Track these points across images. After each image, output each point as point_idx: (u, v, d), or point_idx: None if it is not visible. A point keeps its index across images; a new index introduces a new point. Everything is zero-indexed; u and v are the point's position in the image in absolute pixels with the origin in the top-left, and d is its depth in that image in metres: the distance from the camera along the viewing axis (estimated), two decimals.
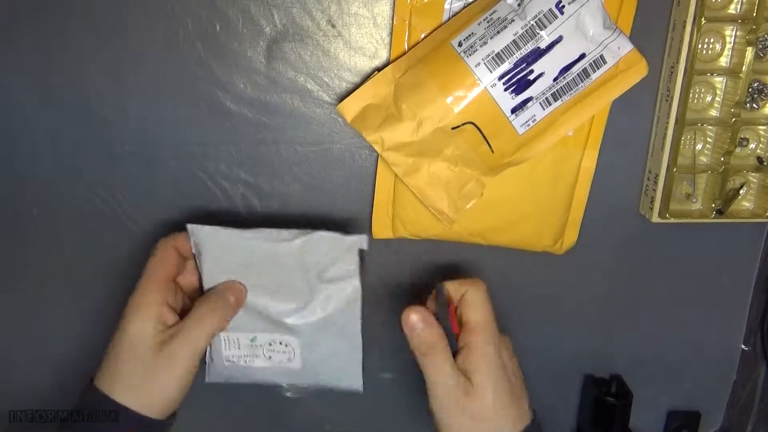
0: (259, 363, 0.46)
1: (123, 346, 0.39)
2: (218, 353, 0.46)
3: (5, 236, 0.50)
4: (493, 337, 0.40)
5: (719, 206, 0.47)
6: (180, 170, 0.48)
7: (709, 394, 0.57)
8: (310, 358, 0.46)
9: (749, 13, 0.44)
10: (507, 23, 0.40)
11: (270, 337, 0.45)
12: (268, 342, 0.46)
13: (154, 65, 0.45)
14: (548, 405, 0.57)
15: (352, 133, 0.47)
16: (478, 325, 0.41)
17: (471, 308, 0.41)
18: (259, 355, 0.46)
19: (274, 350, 0.46)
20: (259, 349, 0.46)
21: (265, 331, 0.45)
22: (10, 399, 0.54)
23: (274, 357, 0.46)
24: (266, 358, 0.46)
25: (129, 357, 0.39)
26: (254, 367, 0.46)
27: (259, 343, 0.46)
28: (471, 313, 0.41)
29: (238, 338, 0.46)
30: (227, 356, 0.46)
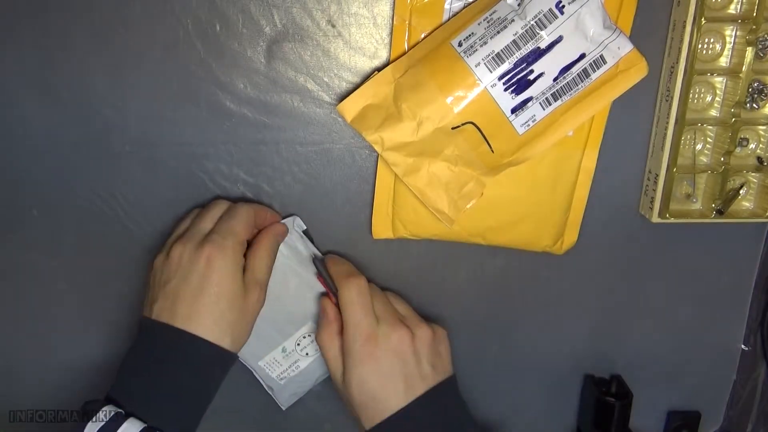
0: (304, 363, 0.50)
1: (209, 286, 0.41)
2: (270, 379, 0.50)
3: (5, 236, 0.50)
4: (356, 337, 0.43)
5: (719, 206, 0.47)
6: (180, 170, 0.48)
7: (709, 394, 0.57)
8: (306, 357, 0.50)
9: (749, 13, 0.44)
10: (507, 23, 0.40)
11: (294, 339, 0.49)
12: (296, 343, 0.49)
13: (154, 65, 0.45)
14: (548, 405, 0.57)
15: (352, 133, 0.47)
16: (345, 327, 0.44)
17: (341, 309, 0.44)
18: (299, 357, 0.50)
19: (305, 346, 0.49)
20: (294, 353, 0.49)
21: (287, 337, 0.49)
22: (10, 399, 0.54)
23: (310, 351, 0.49)
24: (306, 356, 0.49)
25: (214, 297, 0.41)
26: (304, 369, 0.50)
27: (290, 350, 0.49)
28: (342, 314, 0.44)
29: (273, 357, 0.49)
30: (278, 376, 0.50)
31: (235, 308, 0.41)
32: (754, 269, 0.53)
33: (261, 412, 0.55)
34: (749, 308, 0.54)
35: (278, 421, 0.55)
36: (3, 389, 0.54)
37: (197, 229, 0.43)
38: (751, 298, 0.54)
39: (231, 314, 0.41)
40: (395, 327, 0.44)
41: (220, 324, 0.41)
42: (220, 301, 0.41)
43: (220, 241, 0.42)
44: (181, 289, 0.41)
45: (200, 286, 0.41)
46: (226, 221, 0.43)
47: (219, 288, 0.41)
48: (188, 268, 0.41)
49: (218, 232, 0.43)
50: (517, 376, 0.55)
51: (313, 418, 0.55)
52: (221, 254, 0.41)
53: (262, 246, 0.44)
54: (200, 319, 0.40)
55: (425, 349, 0.44)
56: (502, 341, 0.54)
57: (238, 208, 0.44)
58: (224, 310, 0.41)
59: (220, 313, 0.41)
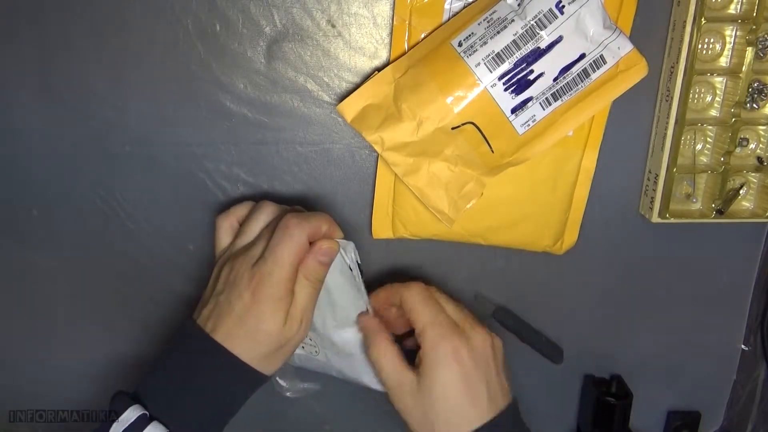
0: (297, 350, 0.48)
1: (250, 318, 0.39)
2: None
3: (5, 236, 0.50)
4: (438, 338, 0.40)
5: (719, 206, 0.47)
6: (180, 170, 0.48)
7: (709, 394, 0.57)
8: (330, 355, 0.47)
9: (749, 13, 0.44)
10: (507, 23, 0.40)
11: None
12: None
13: (154, 65, 0.45)
14: (548, 405, 0.57)
15: (352, 133, 0.47)
16: (421, 328, 0.41)
17: (409, 312, 0.42)
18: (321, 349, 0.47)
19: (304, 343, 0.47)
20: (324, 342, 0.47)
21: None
22: (10, 399, 0.54)
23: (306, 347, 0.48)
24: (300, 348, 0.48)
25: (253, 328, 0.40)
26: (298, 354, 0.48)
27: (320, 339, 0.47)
28: (412, 317, 0.42)
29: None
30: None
31: (272, 341, 0.40)
32: (754, 269, 0.53)
33: (261, 412, 0.55)
34: (749, 308, 0.54)
35: (278, 421, 0.55)
36: (3, 389, 0.54)
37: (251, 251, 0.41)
38: (751, 298, 0.54)
39: (267, 346, 0.40)
40: (476, 327, 0.41)
41: (255, 351, 0.40)
42: (258, 333, 0.40)
43: (266, 274, 0.40)
44: (227, 308, 0.40)
45: (243, 314, 0.40)
46: (276, 247, 0.40)
47: (258, 321, 0.39)
48: (236, 291, 0.40)
49: (264, 263, 0.40)
50: (517, 376, 0.55)
51: (313, 418, 0.55)
52: (267, 288, 0.39)
53: (307, 273, 0.41)
54: (238, 342, 0.39)
55: (501, 357, 0.42)
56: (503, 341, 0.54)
57: (290, 229, 0.41)
58: (261, 341, 0.40)
59: (257, 343, 0.40)
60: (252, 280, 0.40)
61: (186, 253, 0.50)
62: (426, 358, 0.40)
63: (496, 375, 0.41)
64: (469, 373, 0.39)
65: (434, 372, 0.39)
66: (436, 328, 0.40)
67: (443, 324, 0.40)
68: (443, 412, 0.39)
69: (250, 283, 0.40)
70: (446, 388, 0.39)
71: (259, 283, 0.39)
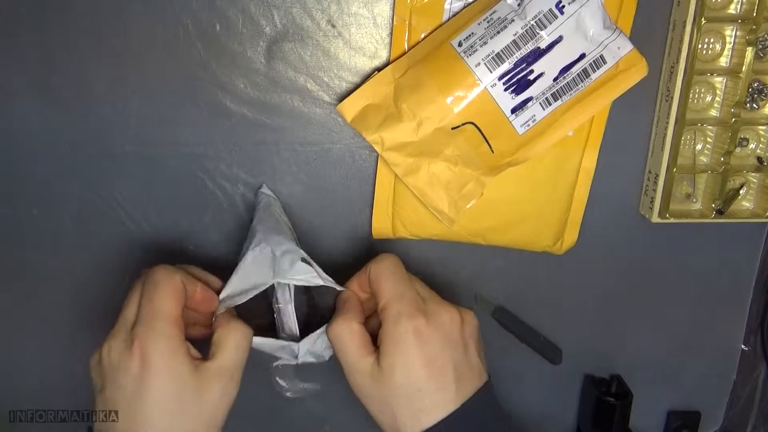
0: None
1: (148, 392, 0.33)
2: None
3: (5, 236, 0.50)
4: (399, 315, 0.36)
5: (719, 206, 0.47)
6: (180, 170, 0.48)
7: (709, 394, 0.57)
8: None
9: (749, 13, 0.44)
10: (507, 23, 0.40)
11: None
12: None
13: (154, 65, 0.45)
14: (548, 405, 0.57)
15: (352, 133, 0.47)
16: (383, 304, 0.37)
17: (375, 285, 0.38)
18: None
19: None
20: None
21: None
22: (10, 399, 0.54)
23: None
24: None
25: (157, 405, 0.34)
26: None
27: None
28: (376, 290, 0.38)
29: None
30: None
31: (187, 413, 0.34)
32: (754, 269, 0.53)
33: (261, 412, 0.55)
34: (749, 308, 0.54)
35: (278, 421, 0.55)
36: (3, 389, 0.54)
37: (123, 319, 0.36)
38: (751, 298, 0.54)
39: (182, 420, 0.34)
40: (443, 304, 0.37)
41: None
42: (166, 410, 0.33)
43: (146, 331, 0.34)
44: (116, 401, 0.34)
45: (138, 393, 0.33)
46: (147, 302, 0.35)
47: (162, 394, 0.33)
48: (120, 370, 0.34)
49: (141, 319, 0.35)
50: (517, 376, 0.55)
51: (313, 418, 0.55)
52: (153, 345, 0.33)
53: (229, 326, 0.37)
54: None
55: (473, 336, 0.38)
56: (502, 341, 0.54)
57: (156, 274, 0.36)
58: (174, 419, 0.34)
59: (169, 424, 0.33)
60: (133, 348, 0.34)
61: (186, 253, 0.50)
62: (386, 337, 0.36)
63: (464, 355, 0.37)
64: (433, 355, 0.35)
65: (394, 353, 0.35)
66: (399, 304, 0.36)
67: (407, 300, 0.36)
68: (405, 398, 0.35)
69: (134, 352, 0.34)
70: (408, 372, 0.35)
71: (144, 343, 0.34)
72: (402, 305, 0.36)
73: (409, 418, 0.35)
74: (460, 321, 0.37)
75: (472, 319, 0.38)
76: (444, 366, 0.35)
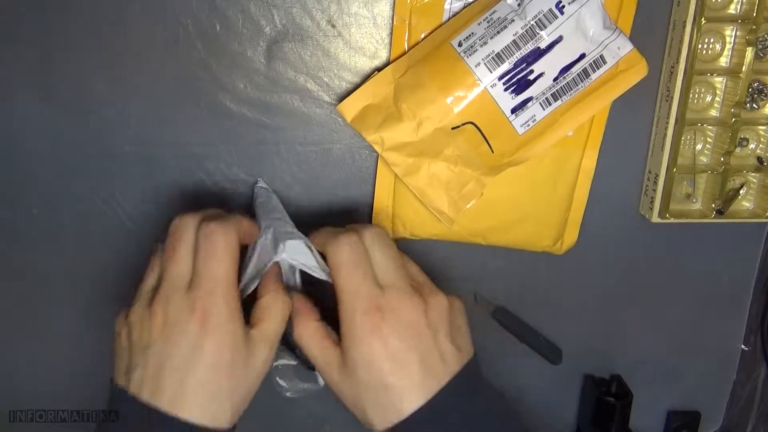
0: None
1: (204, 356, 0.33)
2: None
3: (5, 236, 0.50)
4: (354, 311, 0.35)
5: (719, 206, 0.47)
6: (180, 170, 0.48)
7: (709, 394, 0.57)
8: None
9: (749, 13, 0.44)
10: (507, 23, 0.40)
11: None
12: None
13: (154, 65, 0.45)
14: (548, 405, 0.57)
15: (352, 133, 0.47)
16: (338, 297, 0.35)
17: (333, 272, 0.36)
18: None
19: None
20: None
21: None
22: (10, 399, 0.54)
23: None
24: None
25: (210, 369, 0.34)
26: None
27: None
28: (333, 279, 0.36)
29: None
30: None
31: (235, 376, 0.34)
32: (754, 269, 0.53)
33: (261, 412, 0.55)
34: (749, 308, 0.54)
35: (278, 421, 0.55)
36: (3, 389, 0.54)
37: (176, 276, 0.35)
38: (751, 298, 0.54)
39: (230, 384, 0.34)
40: (404, 294, 0.36)
41: (217, 398, 0.34)
42: (217, 373, 0.34)
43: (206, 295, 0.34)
44: (167, 359, 0.33)
45: (193, 357, 0.33)
46: (205, 265, 0.35)
47: (217, 357, 0.33)
48: (176, 330, 0.33)
49: (200, 282, 0.34)
50: (517, 376, 0.55)
51: (313, 418, 0.55)
52: (217, 311, 0.34)
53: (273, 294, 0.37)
54: (192, 397, 0.33)
55: (442, 321, 0.36)
56: (502, 341, 0.54)
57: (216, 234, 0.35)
58: (223, 382, 0.34)
59: (218, 387, 0.34)
60: (195, 309, 0.33)
61: None
62: (345, 332, 0.35)
63: (432, 344, 0.35)
64: (394, 350, 0.34)
65: (354, 350, 0.35)
66: (353, 298, 0.35)
67: (362, 295, 0.35)
68: (372, 393, 0.34)
69: (194, 313, 0.33)
70: (370, 369, 0.34)
71: (208, 309, 0.33)
72: (357, 301, 0.35)
73: (378, 412, 0.35)
74: (424, 309, 0.36)
75: (438, 304, 0.36)
76: (408, 360, 0.34)
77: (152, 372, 0.34)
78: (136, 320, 0.36)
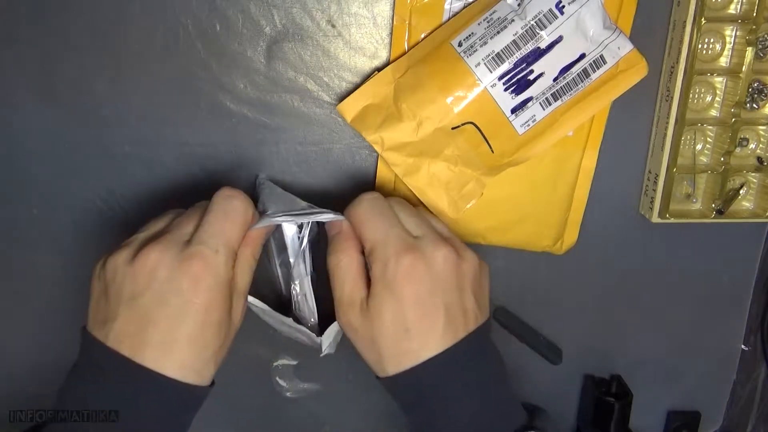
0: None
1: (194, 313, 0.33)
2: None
3: (5, 236, 0.50)
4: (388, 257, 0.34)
5: (719, 206, 0.47)
6: (180, 170, 0.48)
7: (709, 394, 0.57)
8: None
9: (749, 13, 0.44)
10: (507, 23, 0.40)
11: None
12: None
13: (154, 65, 0.45)
14: (548, 405, 0.57)
15: (352, 133, 0.47)
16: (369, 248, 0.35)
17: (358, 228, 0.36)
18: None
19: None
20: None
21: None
22: (10, 399, 0.54)
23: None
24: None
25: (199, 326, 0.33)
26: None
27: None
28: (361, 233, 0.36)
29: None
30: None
31: (221, 334, 0.34)
32: (754, 269, 0.53)
33: (261, 412, 0.55)
34: (749, 308, 0.54)
35: (278, 421, 0.55)
36: (3, 389, 0.54)
37: (179, 232, 0.35)
38: (751, 298, 0.54)
39: (216, 341, 0.34)
40: (438, 243, 0.35)
41: (202, 355, 0.33)
42: (205, 329, 0.33)
43: (210, 254, 0.33)
44: (155, 311, 0.32)
45: (182, 312, 0.32)
46: (217, 222, 0.34)
47: (206, 315, 0.33)
48: (167, 285, 0.32)
49: (208, 239, 0.34)
50: (517, 376, 0.55)
51: (313, 418, 0.55)
52: (212, 272, 0.33)
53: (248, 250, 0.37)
54: (179, 353, 0.32)
55: (471, 277, 0.36)
56: (502, 341, 0.54)
57: (234, 199, 0.35)
58: (209, 338, 0.33)
59: (204, 343, 0.33)
60: (189, 266, 0.32)
61: None
62: (375, 279, 0.35)
63: (458, 298, 0.35)
64: (423, 295, 0.34)
65: (383, 294, 0.34)
66: (386, 246, 0.34)
67: (396, 240, 0.35)
68: (392, 338, 0.34)
69: (188, 271, 0.32)
70: (396, 313, 0.34)
71: (201, 269, 0.32)
72: (389, 247, 0.34)
73: (394, 357, 0.34)
74: (457, 261, 0.35)
75: (471, 260, 0.36)
76: (434, 307, 0.34)
77: (136, 326, 0.32)
78: (121, 265, 0.34)
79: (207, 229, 0.34)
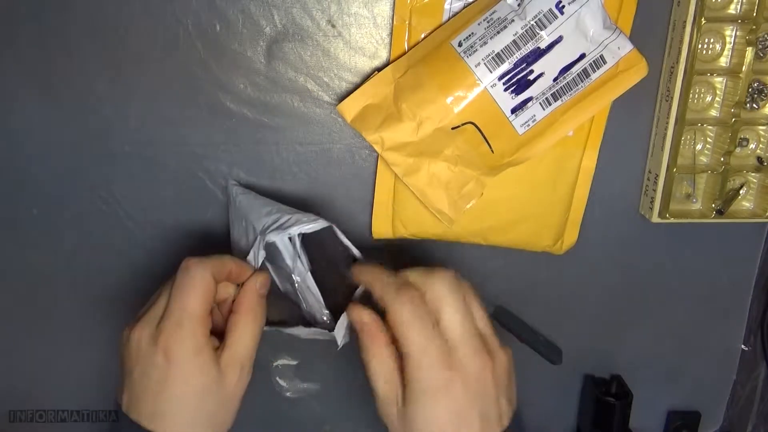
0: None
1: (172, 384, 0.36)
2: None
3: (5, 236, 0.50)
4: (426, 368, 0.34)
5: (719, 206, 0.47)
6: (180, 170, 0.48)
7: (709, 394, 0.57)
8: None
9: (749, 13, 0.44)
10: (507, 23, 0.40)
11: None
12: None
13: (154, 65, 0.45)
14: (548, 405, 0.57)
15: (352, 133, 0.47)
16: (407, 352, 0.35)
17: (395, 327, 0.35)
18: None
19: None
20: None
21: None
22: (10, 399, 0.54)
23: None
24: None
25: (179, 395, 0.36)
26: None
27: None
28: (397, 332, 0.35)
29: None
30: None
31: (209, 400, 0.36)
32: (754, 269, 0.53)
33: (261, 412, 0.55)
34: (749, 308, 0.54)
35: (278, 421, 0.55)
36: (3, 389, 0.54)
37: (153, 310, 0.38)
38: (751, 298, 0.54)
39: (206, 407, 0.36)
40: (473, 353, 0.35)
41: (195, 420, 0.36)
42: (188, 398, 0.35)
43: (172, 328, 0.36)
44: (142, 384, 0.36)
45: (162, 383, 0.35)
46: (176, 298, 0.37)
47: (185, 385, 0.35)
48: (147, 360, 0.36)
49: (170, 315, 0.36)
50: (517, 376, 0.55)
51: (313, 418, 0.55)
52: (179, 344, 0.35)
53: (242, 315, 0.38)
54: (169, 419, 0.35)
55: (503, 377, 0.37)
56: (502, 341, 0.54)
57: (191, 270, 0.37)
58: (197, 405, 0.36)
59: (193, 410, 0.36)
60: (158, 343, 0.36)
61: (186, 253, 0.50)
62: (411, 383, 0.35)
63: (494, 404, 0.36)
64: (459, 409, 0.35)
65: (419, 402, 0.35)
66: (421, 353, 0.35)
67: (432, 352, 0.35)
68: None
69: (158, 347, 0.35)
70: (432, 423, 0.35)
71: (169, 343, 0.35)
72: (425, 357, 0.35)
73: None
74: (491, 368, 0.36)
75: (504, 362, 0.37)
76: (470, 418, 0.35)
77: (134, 397, 0.36)
78: (124, 343, 0.38)
79: (171, 304, 0.37)
